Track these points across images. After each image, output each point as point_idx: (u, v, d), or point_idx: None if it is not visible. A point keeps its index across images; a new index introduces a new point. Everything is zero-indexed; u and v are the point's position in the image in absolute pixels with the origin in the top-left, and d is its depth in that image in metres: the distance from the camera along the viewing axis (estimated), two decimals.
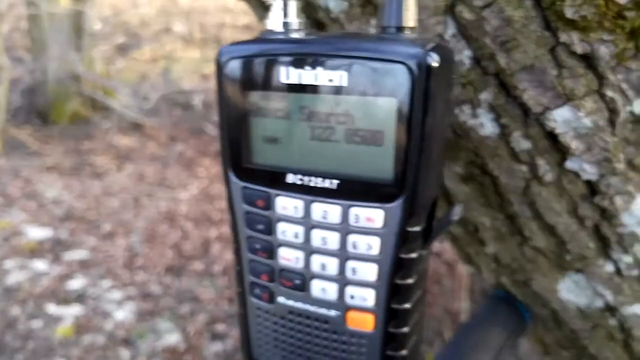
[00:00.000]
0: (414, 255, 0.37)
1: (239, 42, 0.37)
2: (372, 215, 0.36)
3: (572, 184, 0.49)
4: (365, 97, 0.33)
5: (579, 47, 0.40)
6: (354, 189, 0.36)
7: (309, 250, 0.38)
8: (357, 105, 0.34)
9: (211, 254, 2.34)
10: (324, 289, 0.39)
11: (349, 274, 0.38)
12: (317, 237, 0.38)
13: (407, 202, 0.35)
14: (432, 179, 0.36)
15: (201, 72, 4.75)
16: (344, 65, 0.33)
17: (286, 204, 0.38)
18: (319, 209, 0.37)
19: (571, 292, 0.59)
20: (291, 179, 0.37)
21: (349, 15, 0.48)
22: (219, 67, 0.37)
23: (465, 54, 0.45)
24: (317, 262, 0.38)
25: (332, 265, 0.38)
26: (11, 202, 2.72)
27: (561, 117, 0.44)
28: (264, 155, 0.38)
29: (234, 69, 0.37)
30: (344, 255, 0.37)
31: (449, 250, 1.96)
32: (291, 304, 0.41)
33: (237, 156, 0.39)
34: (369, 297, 0.38)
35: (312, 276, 0.39)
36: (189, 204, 2.77)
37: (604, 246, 0.53)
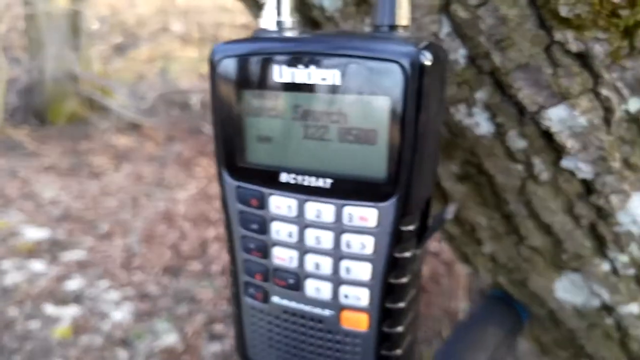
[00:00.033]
0: (408, 254, 0.37)
1: (232, 41, 0.37)
2: (365, 214, 0.35)
3: (567, 182, 0.49)
4: (358, 96, 0.33)
5: (574, 46, 0.40)
6: (348, 188, 0.36)
7: (303, 249, 0.38)
8: (350, 104, 0.34)
9: (209, 254, 2.34)
10: (318, 289, 0.39)
11: (343, 274, 0.38)
12: (311, 236, 0.37)
13: (400, 201, 0.34)
14: (425, 177, 0.36)
15: (199, 72, 4.74)
16: (337, 64, 0.33)
17: (280, 203, 0.38)
18: (313, 208, 0.37)
19: (568, 291, 0.59)
20: (285, 178, 0.37)
21: (343, 13, 0.48)
22: (213, 65, 0.37)
23: (460, 53, 0.44)
24: (311, 261, 0.38)
25: (326, 264, 0.38)
26: (8, 203, 2.72)
27: (556, 116, 0.44)
28: (257, 154, 0.38)
29: (227, 68, 0.36)
30: (337, 254, 0.37)
31: (447, 250, 1.96)
32: (285, 303, 0.41)
33: (230, 155, 0.39)
34: (363, 297, 0.38)
35: (306, 275, 0.39)
36: (186, 204, 2.76)
37: (600, 245, 0.53)
